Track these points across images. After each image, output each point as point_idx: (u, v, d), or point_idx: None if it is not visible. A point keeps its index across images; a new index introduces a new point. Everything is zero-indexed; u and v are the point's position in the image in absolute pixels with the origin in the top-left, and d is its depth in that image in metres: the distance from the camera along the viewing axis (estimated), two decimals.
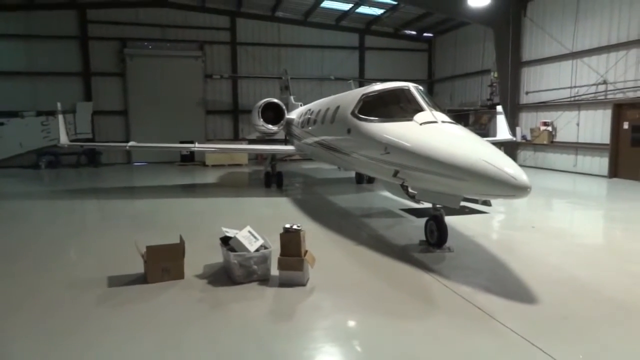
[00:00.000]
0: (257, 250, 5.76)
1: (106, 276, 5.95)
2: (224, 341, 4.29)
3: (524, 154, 20.39)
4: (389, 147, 6.98)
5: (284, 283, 5.60)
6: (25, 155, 22.10)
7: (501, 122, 15.62)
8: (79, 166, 22.27)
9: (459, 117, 22.04)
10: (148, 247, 5.74)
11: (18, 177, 18.43)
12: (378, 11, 24.23)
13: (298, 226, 5.81)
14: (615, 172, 15.95)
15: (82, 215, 11.15)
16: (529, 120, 20.02)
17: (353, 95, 9.39)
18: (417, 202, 7.26)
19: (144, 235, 7.43)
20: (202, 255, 6.61)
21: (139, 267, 5.97)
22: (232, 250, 5.75)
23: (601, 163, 16.48)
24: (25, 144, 21.98)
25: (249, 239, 5.84)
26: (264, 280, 5.72)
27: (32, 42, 22.49)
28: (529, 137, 19.67)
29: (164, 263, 5.74)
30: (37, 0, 22.12)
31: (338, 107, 9.73)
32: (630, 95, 15.20)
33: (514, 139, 16.83)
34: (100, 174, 19.66)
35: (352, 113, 8.59)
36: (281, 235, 5.74)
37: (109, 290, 5.55)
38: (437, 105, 7.61)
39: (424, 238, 7.35)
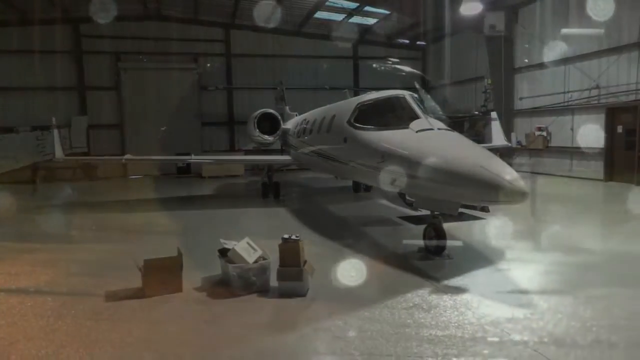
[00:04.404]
0: (255, 262, 5.72)
1: (103, 290, 5.88)
2: (224, 355, 4.24)
3: (520, 160, 20.47)
4: (386, 155, 6.99)
5: (283, 294, 5.56)
6: (20, 170, 22.00)
7: (496, 128, 15.69)
8: (74, 180, 22.15)
9: (454, 124, 22.09)
10: (146, 261, 5.70)
11: (13, 192, 18.28)
12: (371, 21, 24.40)
13: (297, 236, 5.78)
14: (610, 176, 15.99)
15: (77, 229, 11.03)
16: (523, 126, 20.13)
17: (349, 104, 9.43)
18: (415, 209, 7.25)
19: (141, 248, 7.37)
20: (200, 267, 6.56)
21: (136, 281, 5.90)
22: (231, 262, 5.71)
23: (596, 167, 16.53)
24: (20, 159, 21.89)
25: (248, 250, 5.80)
26: (264, 291, 5.67)
27: (26, 57, 22.47)
28: (524, 143, 19.76)
29: (161, 276, 5.69)
30: (31, 16, 22.15)
31: (334, 116, 9.75)
32: (623, 99, 15.32)
33: (510, 144, 16.89)
34: (96, 188, 19.54)
35: (348, 122, 8.61)
36: (280, 245, 5.71)
37: (105, 305, 5.48)
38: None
39: (422, 245, 7.34)
